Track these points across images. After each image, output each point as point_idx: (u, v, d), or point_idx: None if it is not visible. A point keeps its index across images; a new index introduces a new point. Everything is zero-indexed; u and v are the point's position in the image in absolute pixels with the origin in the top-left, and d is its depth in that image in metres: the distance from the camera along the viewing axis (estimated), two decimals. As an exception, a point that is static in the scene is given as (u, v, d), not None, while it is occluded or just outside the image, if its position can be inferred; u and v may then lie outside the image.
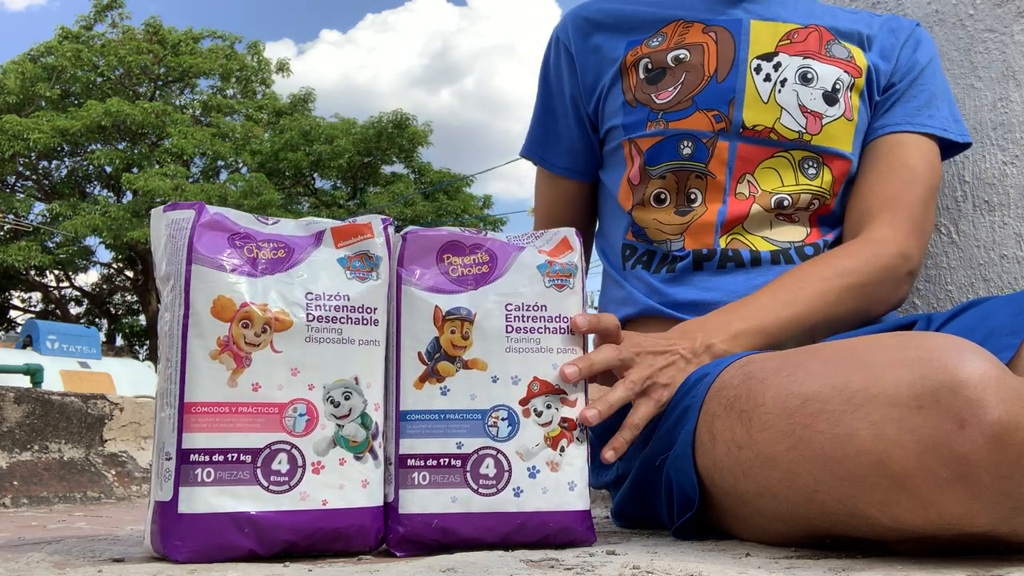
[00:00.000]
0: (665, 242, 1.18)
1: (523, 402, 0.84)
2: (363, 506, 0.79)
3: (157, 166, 17.18)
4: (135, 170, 17.29)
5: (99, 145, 17.83)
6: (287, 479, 0.76)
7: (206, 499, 0.74)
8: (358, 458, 0.79)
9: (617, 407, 0.91)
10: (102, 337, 18.24)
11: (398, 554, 0.80)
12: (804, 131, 1.17)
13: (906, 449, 0.68)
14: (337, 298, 0.80)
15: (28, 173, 18.90)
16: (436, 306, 0.84)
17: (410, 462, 0.81)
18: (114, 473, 1.76)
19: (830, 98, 1.18)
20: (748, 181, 1.17)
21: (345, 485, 0.78)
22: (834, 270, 1.09)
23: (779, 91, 1.17)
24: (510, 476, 0.82)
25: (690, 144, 1.17)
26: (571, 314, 0.88)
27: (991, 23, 1.36)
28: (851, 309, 1.09)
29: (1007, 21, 1.35)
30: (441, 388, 0.82)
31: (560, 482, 0.83)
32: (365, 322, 0.81)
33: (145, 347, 19.96)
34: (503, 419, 0.83)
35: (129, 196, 18.02)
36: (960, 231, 1.34)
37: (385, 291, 0.84)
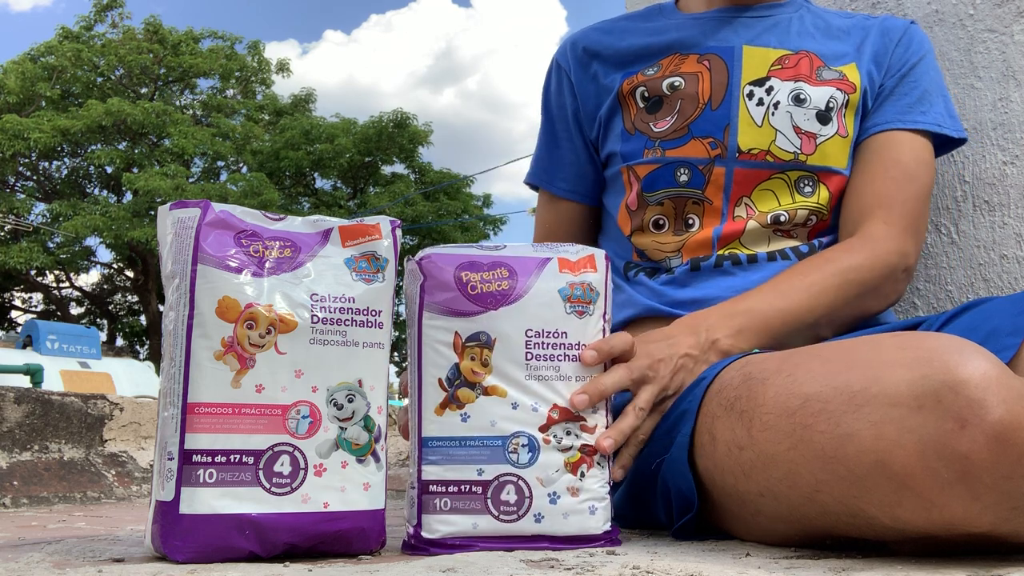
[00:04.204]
0: (664, 259, 1.20)
1: (543, 429, 0.84)
2: (364, 509, 0.79)
3: (157, 166, 17.17)
4: (135, 170, 17.28)
5: (99, 145, 17.81)
6: (289, 481, 0.76)
7: (208, 500, 0.74)
8: (360, 461, 0.79)
9: (630, 434, 0.91)
10: (102, 337, 18.24)
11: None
12: (799, 152, 1.18)
13: (907, 449, 0.68)
14: (342, 300, 0.80)
15: (28, 173, 18.89)
16: (456, 332, 0.84)
17: (432, 488, 0.82)
18: (114, 473, 1.76)
19: (823, 117, 1.18)
20: (745, 204, 1.18)
21: (347, 488, 0.78)
22: (834, 266, 1.10)
23: (772, 114, 1.18)
24: (531, 503, 0.82)
25: (687, 171, 1.19)
26: (590, 342, 0.86)
27: (991, 23, 1.36)
28: (852, 304, 1.10)
29: (1007, 21, 1.35)
30: (461, 415, 0.83)
31: (581, 507, 0.84)
32: (370, 324, 0.81)
33: (146, 347, 19.94)
34: (523, 445, 0.83)
35: (129, 196, 18.00)
36: (960, 231, 1.34)
37: (391, 293, 0.84)
